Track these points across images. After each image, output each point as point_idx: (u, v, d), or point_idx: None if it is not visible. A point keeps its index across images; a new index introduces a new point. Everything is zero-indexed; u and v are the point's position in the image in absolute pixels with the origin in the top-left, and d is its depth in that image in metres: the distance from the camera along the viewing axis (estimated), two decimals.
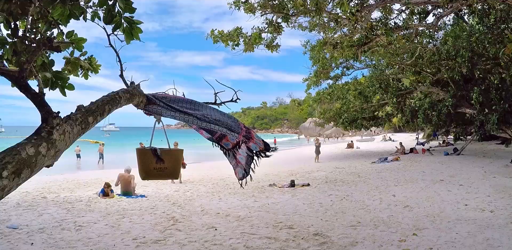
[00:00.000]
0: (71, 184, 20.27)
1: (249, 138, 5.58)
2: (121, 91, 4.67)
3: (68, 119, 3.64)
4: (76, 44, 5.52)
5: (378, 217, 11.43)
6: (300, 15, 17.15)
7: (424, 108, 30.16)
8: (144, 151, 5.71)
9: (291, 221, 11.08)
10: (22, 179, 2.99)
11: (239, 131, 5.50)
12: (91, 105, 4.06)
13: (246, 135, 5.56)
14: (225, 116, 5.62)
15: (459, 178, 18.13)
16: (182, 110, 5.26)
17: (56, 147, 3.37)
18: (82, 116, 3.83)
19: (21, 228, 10.48)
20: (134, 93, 4.91)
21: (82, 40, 5.51)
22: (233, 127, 5.47)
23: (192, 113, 5.27)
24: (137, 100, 5.02)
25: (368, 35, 18.37)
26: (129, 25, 4.65)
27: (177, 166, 5.96)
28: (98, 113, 4.08)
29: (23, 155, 3.01)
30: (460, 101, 28.33)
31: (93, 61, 5.83)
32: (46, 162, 3.31)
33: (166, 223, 11.03)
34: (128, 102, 4.77)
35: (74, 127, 3.67)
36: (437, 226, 10.27)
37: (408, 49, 26.10)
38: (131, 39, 4.71)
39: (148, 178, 5.91)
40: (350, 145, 52.12)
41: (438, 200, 13.56)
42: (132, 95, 4.84)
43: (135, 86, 5.24)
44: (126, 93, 4.67)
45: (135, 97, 4.93)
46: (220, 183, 19.71)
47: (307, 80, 35.32)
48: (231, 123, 5.47)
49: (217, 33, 19.26)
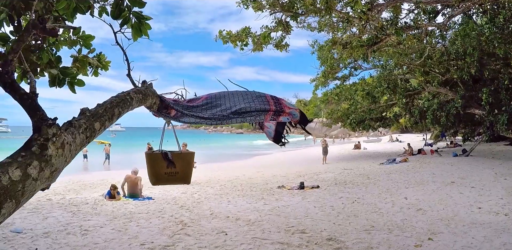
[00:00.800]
0: (77, 185, 20.06)
1: (280, 112, 5.24)
2: (132, 91, 4.17)
3: (69, 127, 3.00)
4: (84, 41, 5.30)
5: (391, 220, 11.16)
6: (309, 14, 16.91)
7: (433, 109, 29.92)
8: (154, 154, 5.44)
9: (303, 225, 10.79)
10: (3, 215, 2.27)
11: (267, 108, 5.18)
12: (97, 108, 3.45)
13: (277, 109, 5.23)
14: (249, 98, 5.34)
15: (470, 180, 17.82)
16: (197, 115, 4.93)
17: (52, 166, 2.69)
18: (87, 122, 3.20)
19: (25, 232, 10.23)
20: (147, 93, 4.42)
21: (90, 37, 5.33)
22: (259, 109, 5.15)
23: (208, 117, 4.93)
24: (150, 101, 4.54)
25: (378, 34, 18.13)
26: (137, 21, 4.36)
27: (189, 170, 5.68)
28: (107, 118, 3.47)
29: (3, 181, 2.27)
30: (469, 102, 28.07)
31: (102, 58, 5.61)
32: (38, 187, 2.62)
33: (175, 227, 10.73)
34: (140, 104, 4.26)
35: (77, 136, 3.00)
36: (452, 230, 10.01)
37: (417, 49, 25.89)
38: (139, 35, 4.44)
39: (158, 183, 5.63)
40: (357, 145, 51.74)
41: (451, 203, 13.28)
42: (145, 96, 4.36)
43: (147, 85, 4.79)
44: (138, 94, 4.18)
45: (148, 98, 4.45)
46: (228, 185, 19.47)
47: (315, 81, 35.14)
48: (256, 106, 5.14)
49: (226, 34, 19.08)
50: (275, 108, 5.22)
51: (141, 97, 4.25)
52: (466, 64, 25.30)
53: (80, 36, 5.28)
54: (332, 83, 37.22)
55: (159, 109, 4.84)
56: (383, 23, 17.81)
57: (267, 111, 5.16)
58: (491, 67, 25.79)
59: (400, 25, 18.35)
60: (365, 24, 16.57)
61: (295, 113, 5.35)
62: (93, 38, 5.33)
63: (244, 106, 5.11)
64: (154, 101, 4.66)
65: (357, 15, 15.60)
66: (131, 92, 4.12)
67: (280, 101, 5.38)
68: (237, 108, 5.05)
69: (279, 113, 5.22)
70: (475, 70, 25.49)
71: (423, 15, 20.57)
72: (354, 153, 45.67)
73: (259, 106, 5.15)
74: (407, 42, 20.06)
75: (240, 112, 5.02)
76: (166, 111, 4.88)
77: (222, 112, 5.03)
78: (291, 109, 5.33)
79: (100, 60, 5.61)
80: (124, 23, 4.39)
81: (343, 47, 19.84)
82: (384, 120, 40.29)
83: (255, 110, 5.09)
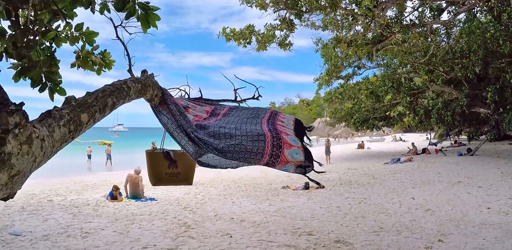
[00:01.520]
0: (78, 186, 19.90)
1: (277, 156, 4.31)
2: (130, 80, 3.69)
3: (46, 117, 2.44)
4: (87, 37, 5.06)
5: (400, 221, 10.90)
6: (314, 12, 16.68)
7: (438, 108, 29.68)
8: (155, 153, 5.15)
9: (310, 227, 10.52)
10: None
11: (261, 154, 4.25)
12: (86, 97, 2.94)
13: (273, 154, 4.29)
14: (243, 131, 4.44)
15: (476, 180, 17.59)
16: (193, 135, 4.24)
17: (11, 167, 2.02)
18: (72, 113, 2.63)
19: (24, 234, 9.99)
20: (147, 83, 3.98)
21: (93, 34, 5.10)
22: (251, 152, 4.25)
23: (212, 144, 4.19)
24: (150, 93, 4.08)
25: (383, 32, 17.91)
26: (144, 12, 4.10)
27: (191, 171, 5.39)
28: (97, 109, 2.91)
29: None
30: (474, 101, 27.86)
31: (106, 56, 5.37)
32: None
33: (178, 230, 10.47)
34: (139, 95, 3.79)
35: (56, 130, 2.41)
36: (462, 231, 9.75)
37: (421, 48, 25.67)
38: (147, 27, 4.16)
39: (159, 183, 5.36)
40: (360, 145, 51.62)
41: (459, 203, 13.04)
42: (145, 86, 3.91)
43: (147, 75, 4.39)
44: (136, 83, 3.69)
45: (149, 89, 4.00)
46: (232, 185, 19.28)
47: (318, 80, 34.94)
48: (248, 146, 4.26)
49: (229, 31, 18.88)
50: (271, 152, 4.33)
51: (140, 87, 3.81)
52: (471, 63, 25.07)
53: (83, 32, 5.04)
54: (336, 83, 37.09)
55: (161, 103, 4.40)
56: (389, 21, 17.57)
57: (261, 155, 4.31)
58: (496, 65, 25.55)
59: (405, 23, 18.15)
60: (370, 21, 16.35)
61: (298, 152, 4.44)
62: (96, 34, 5.08)
63: (235, 142, 4.30)
64: (155, 93, 4.23)
65: (363, 12, 15.36)
66: (128, 81, 3.64)
67: (279, 135, 4.48)
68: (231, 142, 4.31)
69: (276, 158, 4.34)
70: (480, 69, 25.28)
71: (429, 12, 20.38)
72: (358, 152, 45.52)
73: (252, 146, 4.30)
74: (412, 40, 19.87)
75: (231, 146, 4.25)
76: (164, 112, 4.40)
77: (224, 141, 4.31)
78: (292, 148, 4.44)
79: (104, 58, 5.36)
80: (129, 16, 4.12)
81: (348, 45, 19.60)
82: (388, 120, 40.14)
83: (246, 150, 4.27)
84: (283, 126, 4.79)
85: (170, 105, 4.39)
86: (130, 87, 3.53)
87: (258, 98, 5.64)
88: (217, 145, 4.16)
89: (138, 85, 3.75)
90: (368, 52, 19.60)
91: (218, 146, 4.15)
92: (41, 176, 29.75)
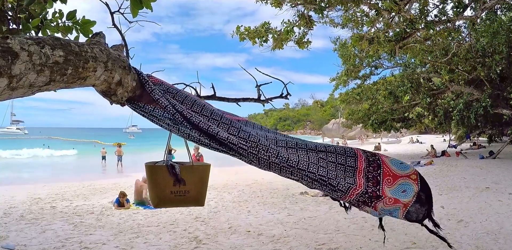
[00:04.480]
0: (86, 189, 19.21)
1: (373, 197, 3.43)
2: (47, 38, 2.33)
3: None
4: (82, 27, 4.17)
5: (433, 235, 9.88)
6: (336, 6, 15.77)
7: (459, 109, 28.72)
8: (157, 167, 4.00)
9: (336, 242, 9.47)
10: None
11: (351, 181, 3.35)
12: None
13: (367, 190, 3.41)
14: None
15: (505, 185, 16.60)
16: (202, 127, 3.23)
17: None
18: None
19: (17, 248, 9.08)
20: (95, 56, 2.56)
21: (89, 23, 4.21)
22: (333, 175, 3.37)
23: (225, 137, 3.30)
24: (102, 78, 2.64)
25: (407, 29, 16.99)
26: None
27: (203, 189, 4.22)
28: None
29: None
30: (496, 101, 26.92)
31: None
32: None
33: (188, 245, 9.42)
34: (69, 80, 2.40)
35: None
36: (502, 247, 8.80)
37: (442, 46, 24.82)
38: (139, 8, 3.25)
39: (162, 205, 4.21)
40: (377, 147, 50.71)
41: (492, 213, 12.01)
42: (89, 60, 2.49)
43: (98, 39, 3.04)
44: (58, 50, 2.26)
45: (93, 68, 2.51)
46: (246, 190, 18.34)
47: (335, 80, 34.15)
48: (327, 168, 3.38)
49: (243, 30, 18.06)
50: (364, 186, 3.50)
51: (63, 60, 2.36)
52: (494, 62, 24.13)
53: (76, 21, 4.15)
54: (353, 83, 36.33)
55: (136, 101, 3.15)
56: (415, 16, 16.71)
57: (351, 187, 3.44)
58: None
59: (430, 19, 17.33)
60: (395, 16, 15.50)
61: (411, 187, 3.54)
62: (93, 23, 4.22)
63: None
64: (118, 80, 2.79)
65: (388, 6, 14.46)
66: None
67: (381, 163, 3.63)
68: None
69: (372, 196, 3.46)
70: (503, 68, 24.42)
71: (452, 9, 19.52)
72: None
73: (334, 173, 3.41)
74: (436, 37, 18.97)
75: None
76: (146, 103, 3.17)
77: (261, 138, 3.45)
78: (398, 181, 3.54)
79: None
80: None
81: (369, 42, 18.67)
82: (407, 121, 39.18)
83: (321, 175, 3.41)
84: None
85: (154, 91, 3.15)
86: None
87: (287, 97, 4.56)
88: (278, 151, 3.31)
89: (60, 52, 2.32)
90: (391, 50, 18.65)
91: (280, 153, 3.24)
92: (53, 175, 29.35)
